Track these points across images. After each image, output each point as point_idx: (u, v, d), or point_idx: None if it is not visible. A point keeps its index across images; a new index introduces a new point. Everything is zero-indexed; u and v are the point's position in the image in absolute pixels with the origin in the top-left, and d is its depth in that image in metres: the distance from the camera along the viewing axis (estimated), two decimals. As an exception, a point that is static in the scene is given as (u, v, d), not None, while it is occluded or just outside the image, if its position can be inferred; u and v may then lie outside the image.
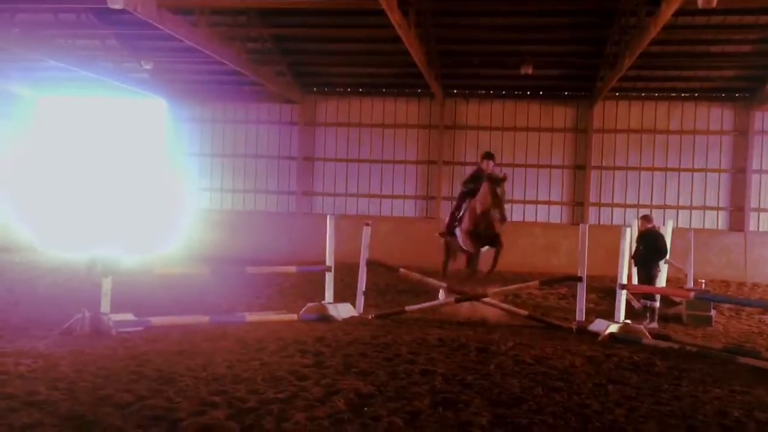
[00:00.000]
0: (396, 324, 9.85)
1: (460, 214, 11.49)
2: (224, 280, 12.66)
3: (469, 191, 11.46)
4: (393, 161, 20.15)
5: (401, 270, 10.81)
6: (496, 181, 10.58)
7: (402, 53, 14.94)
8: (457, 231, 11.51)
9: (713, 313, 11.32)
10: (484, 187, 10.72)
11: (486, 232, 10.95)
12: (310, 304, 10.12)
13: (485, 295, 10.54)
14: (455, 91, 19.78)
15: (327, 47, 18.30)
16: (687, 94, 18.86)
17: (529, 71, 17.12)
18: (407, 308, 10.48)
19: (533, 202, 19.51)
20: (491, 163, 11.72)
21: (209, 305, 10.45)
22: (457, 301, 10.59)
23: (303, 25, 16.84)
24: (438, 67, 17.90)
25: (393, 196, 20.17)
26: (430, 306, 10.52)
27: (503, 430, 5.23)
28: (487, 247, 11.56)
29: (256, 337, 8.43)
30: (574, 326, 9.79)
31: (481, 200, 10.78)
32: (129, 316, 8.73)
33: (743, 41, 16.32)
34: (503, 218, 10.59)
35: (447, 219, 12.38)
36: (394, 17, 11.95)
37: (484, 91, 19.80)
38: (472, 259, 12.10)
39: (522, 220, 19.26)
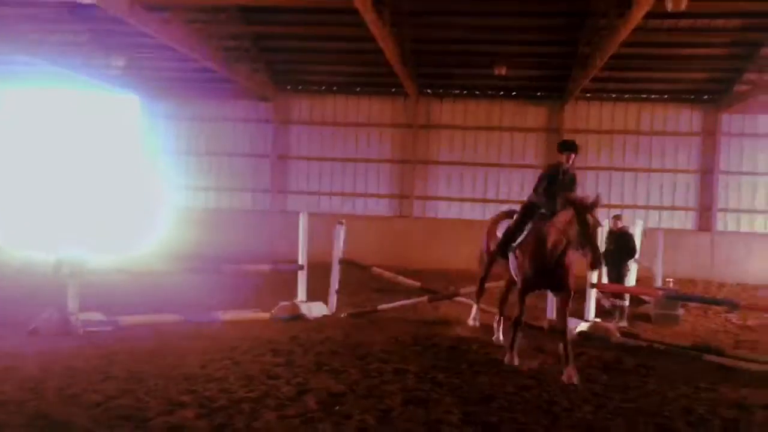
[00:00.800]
0: (369, 323, 9.87)
1: (522, 236, 7.98)
2: (199, 279, 12.57)
3: (543, 206, 7.95)
4: (368, 160, 20.15)
5: (374, 269, 10.82)
6: (586, 208, 7.09)
7: (377, 52, 14.95)
8: (515, 254, 8.04)
9: (681, 311, 11.49)
10: (566, 215, 7.22)
11: (555, 272, 7.53)
12: (282, 303, 10.09)
13: (458, 294, 10.59)
14: (430, 90, 19.84)
15: (302, 45, 18.24)
16: (657, 96, 19.11)
17: (503, 71, 17.24)
18: (380, 307, 10.50)
19: (506, 201, 19.59)
20: (573, 156, 8.06)
21: (183, 304, 10.38)
22: (430, 300, 10.63)
23: (279, 23, 16.78)
24: (413, 67, 17.95)
25: (367, 195, 20.19)
26: (403, 305, 10.53)
27: (473, 427, 5.28)
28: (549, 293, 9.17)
29: (229, 336, 8.39)
30: (545, 325, 9.89)
31: (558, 228, 7.32)
32: (98, 316, 8.62)
33: (712, 44, 16.57)
34: (596, 261, 7.11)
35: (495, 232, 8.93)
36: (369, 16, 11.96)
37: (458, 91, 19.88)
38: (520, 302, 7.91)
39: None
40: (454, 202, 19.90)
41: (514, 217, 8.47)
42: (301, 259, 10.26)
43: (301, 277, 10.24)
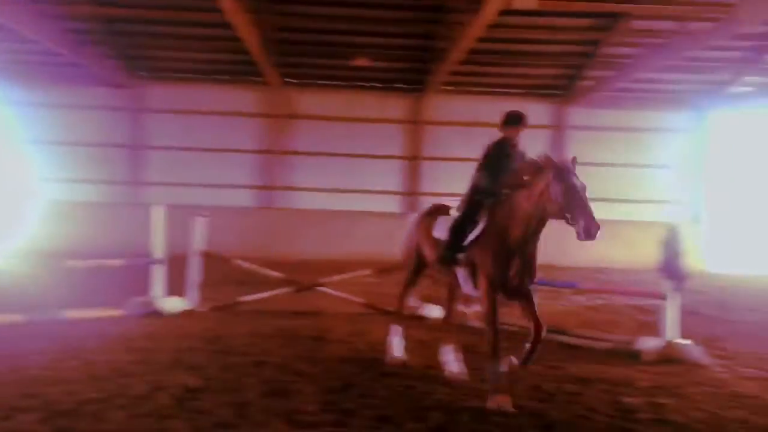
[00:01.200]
0: (230, 316, 9.66)
1: (477, 229, 6.25)
2: (47, 275, 11.75)
3: (492, 190, 6.37)
4: (229, 150, 19.68)
5: (236, 261, 10.59)
6: (568, 170, 5.70)
7: (236, 39, 14.61)
8: (471, 255, 6.24)
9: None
10: (541, 184, 5.77)
11: (529, 261, 6.03)
12: (138, 299, 9.66)
13: (321, 284, 10.59)
14: (292, 80, 19.66)
15: (157, 30, 17.46)
16: (511, 91, 20.02)
17: (364, 63, 17.38)
18: (242, 299, 10.30)
19: (369, 191, 19.89)
20: (522, 130, 6.81)
21: (27, 303, 9.66)
22: (297, 291, 10.56)
23: (131, 5, 15.93)
24: (274, 56, 17.68)
25: (230, 186, 19.72)
26: (266, 297, 10.38)
27: (331, 415, 5.30)
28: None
29: (76, 336, 7.92)
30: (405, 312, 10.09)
31: (533, 203, 5.83)
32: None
33: (560, 42, 17.55)
34: (594, 227, 5.41)
35: (427, 235, 7.02)
36: (226, 3, 11.65)
37: (321, 81, 19.84)
38: (492, 317, 6.10)
39: (358, 209, 19.51)
40: (317, 193, 19.87)
41: (456, 210, 6.66)
42: (159, 253, 9.86)
43: (158, 272, 9.84)
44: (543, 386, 6.41)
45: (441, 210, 7.07)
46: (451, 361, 6.84)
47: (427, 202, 19.64)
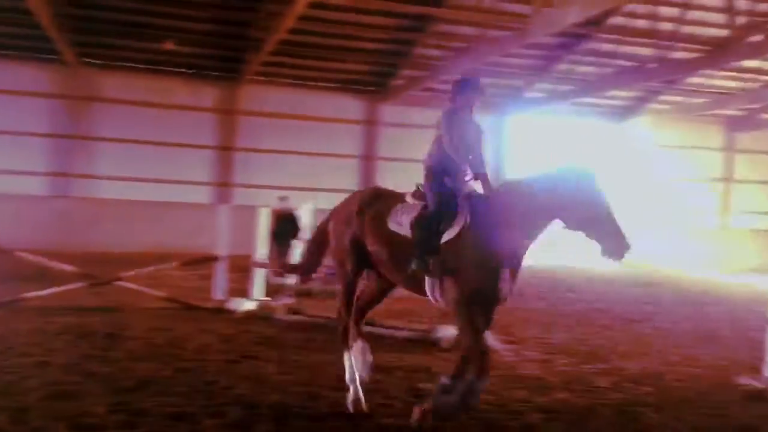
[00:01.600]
0: (11, 314, 8.76)
1: (457, 222, 5.16)
2: None
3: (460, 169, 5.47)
4: (20, 133, 17.87)
5: (20, 254, 9.66)
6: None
7: (26, 12, 13.32)
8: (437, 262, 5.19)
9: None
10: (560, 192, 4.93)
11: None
12: None
13: (120, 279, 9.98)
14: (93, 60, 18.25)
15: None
16: (326, 84, 20.16)
17: (171, 47, 16.60)
18: (26, 296, 9.38)
19: (178, 182, 19.07)
20: (476, 100, 5.88)
21: None
22: (92, 285, 9.85)
23: None
24: (69, 32, 16.27)
25: (20, 173, 17.87)
26: (55, 293, 9.54)
27: (121, 416, 4.98)
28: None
29: None
30: (210, 306, 9.83)
31: (537, 215, 5.07)
32: None
33: (374, 39, 17.95)
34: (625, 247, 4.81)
35: (375, 232, 5.61)
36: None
37: (126, 64, 18.65)
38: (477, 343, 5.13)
39: (165, 200, 18.62)
40: (121, 183, 18.66)
41: (411, 197, 5.51)
42: None
43: None
44: (337, 373, 6.49)
45: (388, 196, 5.78)
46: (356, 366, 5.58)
47: (240, 195, 19.37)
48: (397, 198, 5.67)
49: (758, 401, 6.36)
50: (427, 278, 5.15)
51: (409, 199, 5.51)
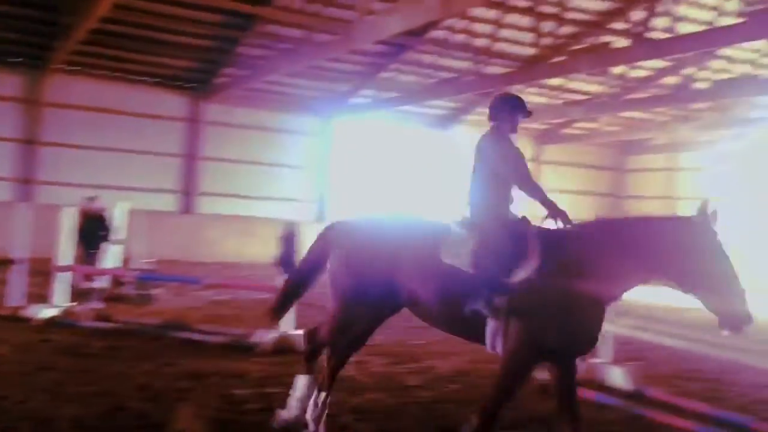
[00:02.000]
0: None
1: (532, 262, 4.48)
2: None
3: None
4: None
5: None
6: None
7: None
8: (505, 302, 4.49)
9: (159, 291, 11.77)
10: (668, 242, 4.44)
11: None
12: None
13: None
14: None
15: None
16: (144, 78, 19.18)
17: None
18: None
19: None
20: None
21: None
22: None
23: None
24: None
25: None
26: None
27: None
28: None
29: None
30: (3, 313, 9.01)
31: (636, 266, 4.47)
32: None
33: (196, 35, 17.37)
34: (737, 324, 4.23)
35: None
36: None
37: None
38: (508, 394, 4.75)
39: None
40: None
41: (459, 226, 4.70)
42: None
43: None
44: (154, 384, 6.19)
45: (422, 227, 4.94)
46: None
47: (44, 192, 17.90)
48: (437, 229, 4.82)
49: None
50: (489, 322, 4.48)
51: (458, 230, 4.71)
